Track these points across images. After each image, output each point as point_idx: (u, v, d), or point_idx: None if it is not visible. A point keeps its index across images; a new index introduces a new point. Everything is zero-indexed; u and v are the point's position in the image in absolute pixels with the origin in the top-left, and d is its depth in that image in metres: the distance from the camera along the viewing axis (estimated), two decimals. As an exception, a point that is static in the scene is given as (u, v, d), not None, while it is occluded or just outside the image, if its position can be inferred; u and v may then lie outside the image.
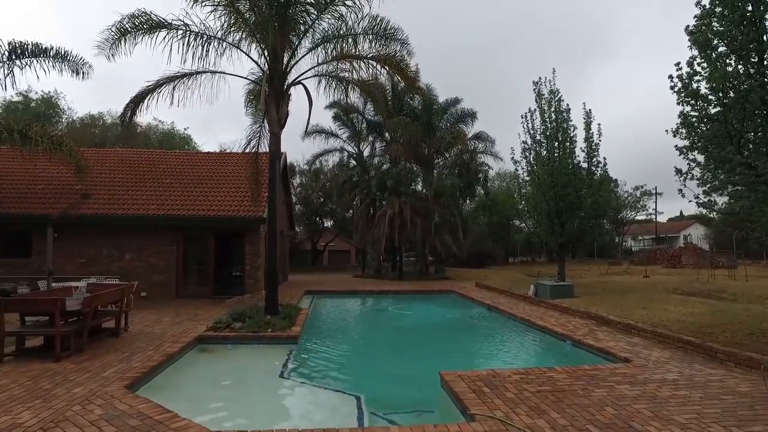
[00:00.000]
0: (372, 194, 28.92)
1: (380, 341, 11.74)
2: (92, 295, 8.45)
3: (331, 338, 11.28)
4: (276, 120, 12.62)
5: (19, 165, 17.77)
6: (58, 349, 7.80)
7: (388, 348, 10.93)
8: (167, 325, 11.24)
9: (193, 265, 16.82)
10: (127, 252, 16.01)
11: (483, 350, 10.62)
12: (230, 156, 20.52)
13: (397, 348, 10.91)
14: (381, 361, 9.56)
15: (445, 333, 12.59)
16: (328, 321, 14.46)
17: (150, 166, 19.17)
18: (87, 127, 33.82)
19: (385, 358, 9.82)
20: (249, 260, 16.43)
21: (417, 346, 10.95)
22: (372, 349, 10.74)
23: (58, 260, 15.79)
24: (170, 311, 13.31)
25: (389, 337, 12.20)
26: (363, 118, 32.11)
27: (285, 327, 10.77)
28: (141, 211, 15.82)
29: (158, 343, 9.19)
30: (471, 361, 9.67)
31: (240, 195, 17.06)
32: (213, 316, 12.48)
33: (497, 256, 49.43)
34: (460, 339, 11.78)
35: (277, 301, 12.43)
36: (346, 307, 18.07)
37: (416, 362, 9.29)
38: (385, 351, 10.58)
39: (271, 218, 12.61)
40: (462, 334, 12.43)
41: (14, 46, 15.66)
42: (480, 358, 9.96)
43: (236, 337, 10.05)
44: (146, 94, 12.39)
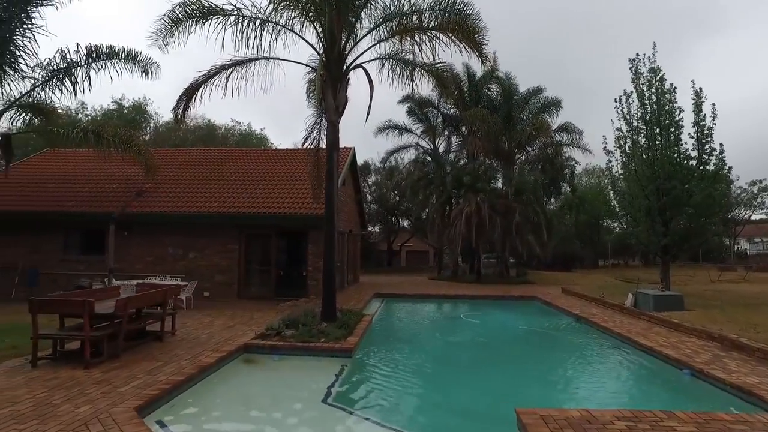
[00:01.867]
0: (448, 192, 27.26)
1: (449, 358, 10.19)
2: (126, 298, 7.77)
3: (391, 353, 9.93)
4: (333, 107, 11.56)
5: (96, 166, 18.26)
6: (87, 354, 7.14)
7: (457, 368, 9.34)
8: (217, 329, 10.50)
9: (256, 265, 16.27)
10: (191, 251, 15.76)
11: (572, 376, 8.74)
12: (296, 153, 19.89)
13: (468, 368, 9.32)
14: (446, 386, 8.04)
15: (526, 349, 10.84)
16: (392, 330, 13.16)
17: (217, 164, 19.00)
18: (171, 131, 35.28)
19: (452, 382, 8.28)
20: (311, 261, 15.56)
21: (492, 367, 9.28)
22: (438, 369, 9.23)
23: (128, 258, 15.88)
24: (227, 313, 12.68)
25: (460, 353, 10.63)
26: (438, 112, 30.55)
27: (340, 337, 9.59)
28: (203, 209, 15.50)
29: (199, 351, 8.36)
30: (556, 390, 7.88)
31: (303, 192, 16.26)
32: (269, 320, 11.63)
33: (585, 258, 45.70)
34: (543, 358, 9.99)
35: (335, 306, 11.34)
36: (416, 313, 16.69)
37: (489, 388, 7.69)
38: (452, 372, 9.02)
39: (329, 215, 11.53)
40: (546, 351, 10.61)
41: (90, 50, 15.97)
42: (568, 387, 8.10)
43: (285, 346, 9.03)
44: (199, 84, 11.82)
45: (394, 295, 19.47)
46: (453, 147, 31.62)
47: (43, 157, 20.91)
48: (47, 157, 20.65)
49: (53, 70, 15.72)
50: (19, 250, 16.34)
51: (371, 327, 11.69)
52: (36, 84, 15.65)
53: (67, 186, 17.45)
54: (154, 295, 8.85)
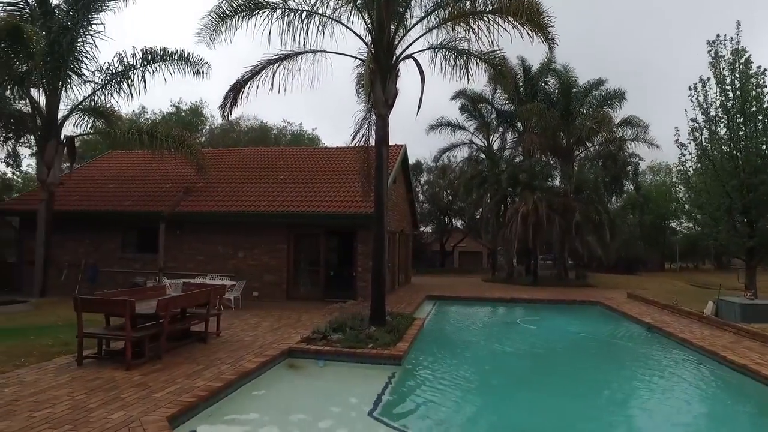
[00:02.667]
0: (503, 190, 26.18)
1: (506, 370, 9.36)
2: (168, 298, 7.54)
3: (443, 361, 9.27)
4: (382, 100, 11.02)
5: (152, 167, 18.66)
6: (128, 355, 6.94)
7: (516, 381, 8.51)
8: (263, 331, 10.19)
9: (305, 265, 16.01)
10: (240, 250, 15.70)
11: (647, 397, 7.60)
12: (346, 151, 19.52)
13: (528, 382, 8.46)
14: (504, 403, 7.26)
15: (590, 361, 9.85)
16: (445, 336, 12.45)
17: (267, 163, 18.96)
18: (226, 132, 36.08)
19: (510, 399, 7.49)
20: (361, 261, 15.11)
21: (554, 382, 8.40)
22: (494, 382, 8.48)
23: (180, 257, 16.03)
24: (274, 314, 12.41)
25: (519, 364, 9.77)
26: (492, 108, 29.51)
27: (389, 343, 9.01)
28: (252, 207, 15.38)
29: (242, 354, 8.03)
30: (629, 415, 6.92)
31: (353, 191, 15.84)
32: (316, 322, 11.23)
33: (649, 261, 43.00)
34: (614, 373, 9.02)
35: (385, 309, 10.78)
36: (469, 317, 15.90)
37: (553, 409, 6.85)
38: (511, 386, 8.21)
39: (379, 213, 10.99)
40: (615, 365, 9.59)
41: (146, 53, 16.30)
42: (645, 412, 7.00)
43: (330, 351, 8.55)
44: (246, 80, 11.61)
45: (447, 297, 18.73)
46: (508, 144, 30.49)
47: (105, 159, 21.68)
48: (108, 160, 21.38)
49: (112, 73, 16.16)
50: (83, 248, 16.90)
51: (422, 332, 11.05)
52: (96, 87, 16.12)
53: (125, 186, 17.91)
54: (198, 295, 8.62)
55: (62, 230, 16.66)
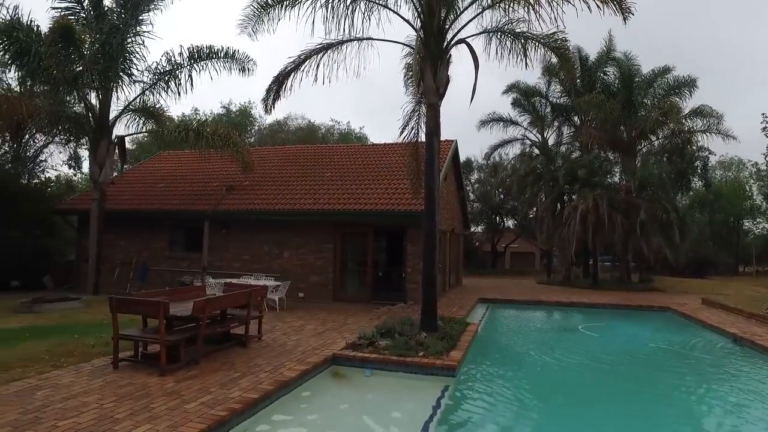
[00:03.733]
0: (559, 187, 24.69)
1: (571, 384, 8.35)
2: (205, 299, 7.07)
3: (501, 373, 8.41)
4: (433, 88, 10.24)
5: (200, 166, 18.67)
6: (162, 360, 6.50)
7: (582, 398, 7.51)
8: (307, 334, 9.64)
9: (352, 266, 15.44)
10: (286, 250, 15.30)
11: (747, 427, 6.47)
12: (393, 147, 18.85)
13: (595, 400, 7.45)
14: (570, 426, 6.33)
15: (667, 378, 8.63)
16: (501, 344, 11.50)
17: (313, 160, 18.54)
18: (274, 133, 36.28)
19: (577, 420, 6.54)
20: (410, 262, 14.35)
21: (623, 398, 7.36)
22: (557, 399, 7.50)
23: (226, 256, 15.83)
24: (319, 317, 11.87)
25: (584, 378, 8.70)
26: (546, 102, 28.09)
27: (441, 351, 8.22)
28: (297, 206, 14.95)
29: (283, 360, 7.47)
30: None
31: (401, 188, 15.13)
32: (362, 326, 10.58)
33: (721, 264, 39.86)
34: (693, 393, 7.83)
35: (436, 313, 9.99)
36: (526, 322, 14.87)
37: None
38: (576, 404, 7.21)
39: (430, 210, 10.21)
40: (696, 384, 8.33)
41: (192, 51, 16.26)
42: None
43: (378, 359, 7.85)
44: (289, 72, 11.13)
45: (501, 300, 17.71)
46: (564, 138, 28.95)
47: (155, 160, 22.00)
48: (158, 160, 21.67)
49: (160, 72, 16.20)
50: (134, 246, 17.06)
51: (476, 339, 10.16)
52: (145, 87, 16.20)
53: (173, 185, 17.98)
54: (237, 296, 8.14)
55: (115, 229, 16.87)
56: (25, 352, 7.72)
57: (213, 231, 15.20)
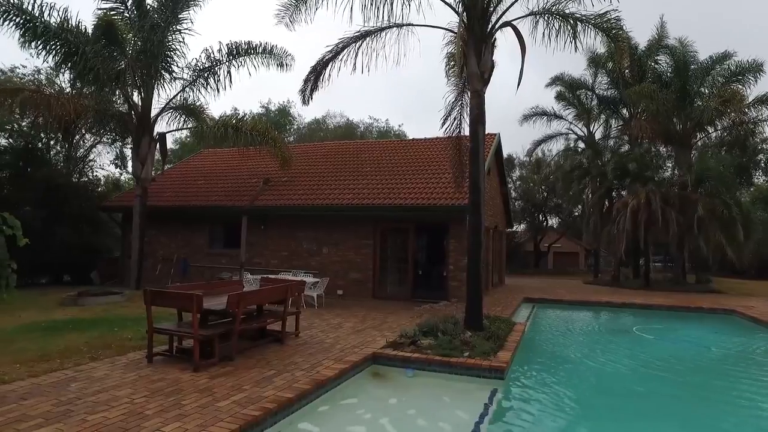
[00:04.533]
0: (608, 182, 23.51)
1: (631, 391, 7.62)
2: (239, 294, 6.79)
3: (553, 377, 7.76)
4: (477, 74, 9.69)
5: (239, 163, 18.72)
6: (196, 355, 6.26)
7: (645, 408, 6.79)
8: (345, 332, 9.27)
9: (392, 263, 15.00)
10: (325, 246, 15.02)
11: None
12: (434, 142, 18.34)
13: (660, 410, 6.72)
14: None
15: (748, 387, 7.77)
16: (551, 345, 10.79)
17: (352, 156, 18.23)
18: (313, 132, 36.33)
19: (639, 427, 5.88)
20: (453, 258, 13.81)
21: (696, 412, 6.62)
22: (617, 408, 6.82)
23: (265, 253, 15.72)
24: (358, 314, 11.50)
25: (644, 384, 7.92)
26: (593, 94, 26.82)
27: (488, 351, 7.67)
28: (336, 201, 14.63)
29: (320, 359, 7.11)
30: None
31: (444, 182, 14.61)
32: (402, 324, 10.15)
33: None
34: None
35: (482, 311, 9.43)
36: (575, 323, 14.04)
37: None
38: (642, 414, 6.51)
39: (475, 202, 9.65)
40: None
41: (231, 47, 16.25)
42: None
43: (421, 359, 7.38)
44: (326, 62, 10.80)
45: (547, 300, 16.88)
46: (612, 132, 27.60)
47: (196, 157, 22.27)
48: (199, 158, 21.91)
49: (200, 69, 16.25)
50: (175, 243, 17.22)
51: (524, 339, 9.54)
52: (185, 84, 16.29)
53: (212, 182, 18.06)
54: (273, 291, 7.83)
55: (157, 226, 17.08)
56: (66, 343, 7.72)
57: (251, 227, 15.09)
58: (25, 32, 13.56)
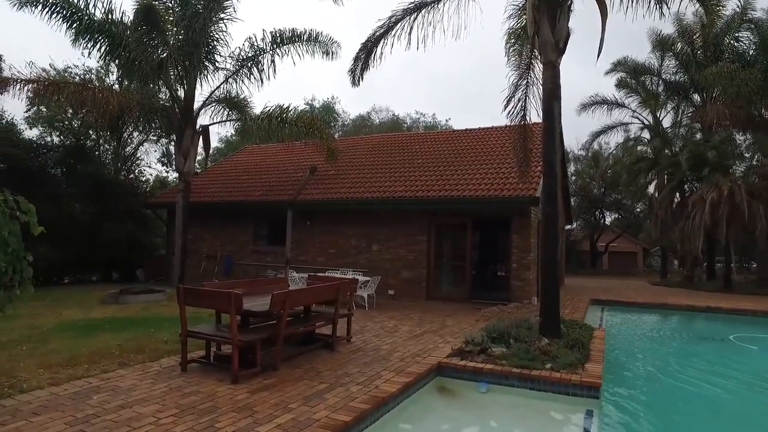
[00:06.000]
0: (680, 174, 21.42)
1: (755, 419, 6.21)
2: (284, 293, 5.83)
3: (654, 395, 6.45)
4: (551, 42, 8.41)
5: (284, 158, 18.08)
6: (234, 365, 5.34)
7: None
8: (402, 337, 8.20)
9: (448, 261, 13.82)
10: (375, 242, 14.00)
11: None
12: (492, 131, 17.02)
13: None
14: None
15: None
16: (638, 354, 9.35)
17: (401, 148, 17.15)
18: (358, 128, 35.55)
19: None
20: (516, 256, 12.51)
21: None
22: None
23: (311, 250, 14.90)
24: (413, 317, 10.41)
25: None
26: (658, 79, 24.67)
27: (573, 363, 6.42)
28: (387, 194, 13.58)
29: (377, 369, 6.07)
30: None
31: (503, 173, 13.33)
32: (465, 329, 9.02)
33: None
34: None
35: (559, 315, 8.16)
36: (658, 329, 12.45)
37: None
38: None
39: (549, 189, 8.35)
40: None
41: (275, 35, 15.56)
42: None
43: (495, 371, 6.21)
44: (378, 38, 9.78)
45: (617, 302, 15.30)
46: (682, 119, 25.32)
47: (241, 153, 21.81)
48: (244, 154, 21.43)
49: (243, 59, 15.60)
50: (219, 240, 16.68)
51: (608, 348, 8.18)
52: (228, 74, 15.67)
53: (257, 177, 17.42)
54: (323, 290, 6.83)
55: (201, 223, 16.60)
56: (98, 345, 7.04)
57: (297, 224, 14.26)
58: (71, 25, 13.27)
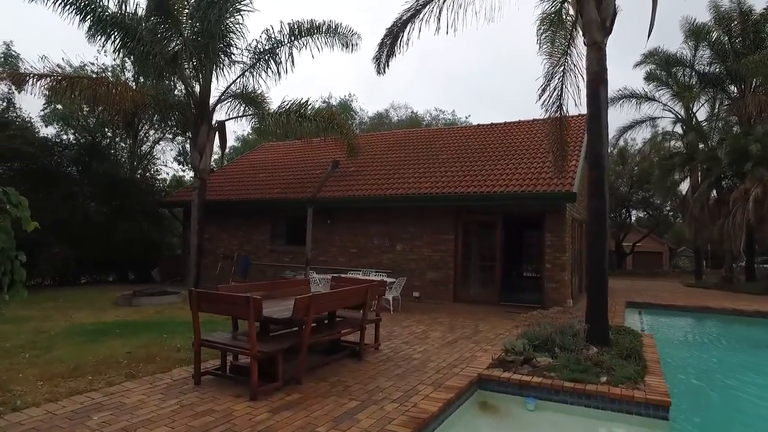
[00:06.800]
0: (719, 169, 20.27)
1: None
2: (309, 297, 5.18)
3: (729, 415, 5.64)
4: (597, 21, 7.66)
5: (302, 155, 17.56)
6: (253, 380, 4.70)
7: None
8: (435, 344, 7.51)
9: (476, 261, 13.05)
10: (399, 242, 13.30)
11: None
12: (519, 125, 16.20)
13: None
14: None
15: None
16: (694, 363, 8.53)
17: (424, 143, 16.40)
18: (375, 126, 34.87)
19: None
20: (549, 256, 11.70)
21: None
22: None
23: (331, 250, 14.27)
24: (443, 321, 9.71)
25: None
26: (691, 71, 23.51)
27: (632, 376, 5.67)
28: (411, 190, 12.87)
29: (413, 382, 5.40)
30: None
31: (535, 167, 12.54)
32: (501, 335, 8.31)
33: None
34: None
35: (607, 321, 7.40)
36: (704, 334, 11.57)
37: None
38: None
39: (597, 183, 7.57)
40: None
41: (293, 27, 14.99)
42: None
43: (545, 385, 5.49)
44: (405, 22, 9.12)
45: (654, 305, 14.37)
46: (718, 112, 24.12)
47: (258, 151, 21.32)
48: (261, 151, 20.93)
49: (260, 51, 15.05)
50: (236, 239, 16.15)
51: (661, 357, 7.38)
52: (245, 68, 15.13)
53: (275, 175, 16.85)
54: (351, 293, 6.14)
55: (217, 222, 16.11)
56: (106, 353, 6.50)
57: (316, 222, 13.64)
58: (84, 17, 12.83)
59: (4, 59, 19.78)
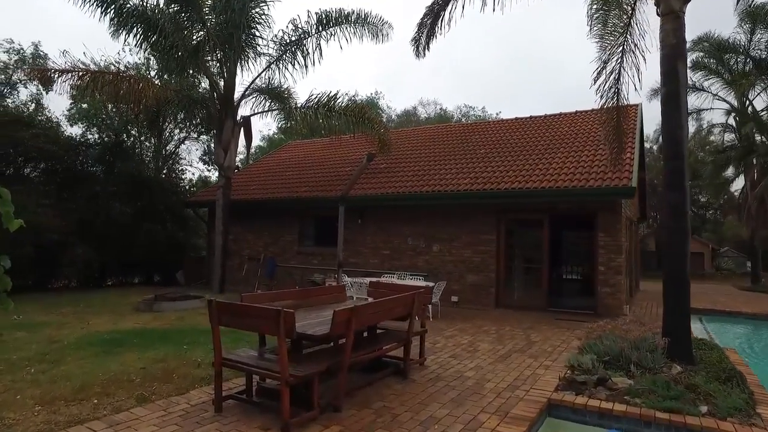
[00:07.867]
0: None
1: None
2: (350, 309, 4.31)
3: None
4: (675, -15, 6.60)
5: (331, 152, 16.82)
6: (284, 407, 3.86)
7: None
8: (486, 359, 6.58)
9: (519, 263, 12.03)
10: (435, 242, 12.36)
11: None
12: (562, 118, 15.08)
13: None
14: None
15: None
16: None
17: (460, 138, 15.41)
18: (403, 124, 33.98)
19: None
20: (603, 258, 10.59)
21: None
22: None
23: (362, 252, 13.43)
24: (489, 330, 8.74)
25: None
26: (745, 58, 21.93)
27: (741, 406, 4.64)
28: (449, 187, 11.91)
29: (473, 411, 4.50)
30: None
31: (585, 161, 11.46)
32: (558, 347, 7.32)
33: None
34: None
35: (690, 334, 6.35)
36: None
37: None
38: None
39: (676, 172, 6.51)
40: None
41: (320, 16, 14.33)
42: None
43: (629, 414, 4.51)
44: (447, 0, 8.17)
45: (716, 311, 13.10)
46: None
47: (284, 149, 20.65)
48: (287, 150, 20.25)
49: (286, 43, 14.39)
50: (262, 241, 15.46)
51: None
52: (271, 60, 14.47)
53: (302, 173, 16.08)
54: (397, 303, 5.23)
55: (243, 222, 15.46)
56: (118, 368, 5.77)
57: (347, 222, 12.82)
58: (105, 9, 12.35)
59: (32, 60, 19.67)
